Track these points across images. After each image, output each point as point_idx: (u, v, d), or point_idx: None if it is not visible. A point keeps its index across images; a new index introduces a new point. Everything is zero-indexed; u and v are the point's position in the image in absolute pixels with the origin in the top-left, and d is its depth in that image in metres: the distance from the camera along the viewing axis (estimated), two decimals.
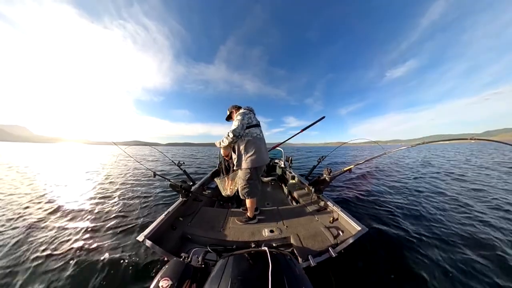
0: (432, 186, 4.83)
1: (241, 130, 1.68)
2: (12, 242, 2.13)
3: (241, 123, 1.68)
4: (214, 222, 1.88)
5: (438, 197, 3.91)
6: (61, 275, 1.66)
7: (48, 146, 73.32)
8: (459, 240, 2.25)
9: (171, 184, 2.04)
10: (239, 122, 1.68)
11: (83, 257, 1.86)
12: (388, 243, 2.18)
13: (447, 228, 2.54)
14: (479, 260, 1.89)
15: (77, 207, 3.12)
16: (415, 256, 1.95)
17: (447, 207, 3.31)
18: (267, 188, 3.56)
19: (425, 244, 2.17)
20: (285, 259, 0.87)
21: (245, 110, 1.86)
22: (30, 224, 2.54)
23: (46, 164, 8.07)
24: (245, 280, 0.74)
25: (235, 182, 2.07)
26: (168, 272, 0.87)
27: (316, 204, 2.24)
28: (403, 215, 3.01)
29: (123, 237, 2.21)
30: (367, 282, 1.61)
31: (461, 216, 2.93)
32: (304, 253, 1.38)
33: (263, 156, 1.77)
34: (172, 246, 1.52)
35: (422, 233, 2.42)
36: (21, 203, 3.34)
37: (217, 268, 0.84)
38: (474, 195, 3.97)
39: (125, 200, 3.53)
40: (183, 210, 2.05)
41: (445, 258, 1.92)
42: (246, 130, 1.74)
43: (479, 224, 2.63)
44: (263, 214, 2.06)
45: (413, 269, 1.76)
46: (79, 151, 28.26)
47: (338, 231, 1.66)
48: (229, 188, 2.13)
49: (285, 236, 1.63)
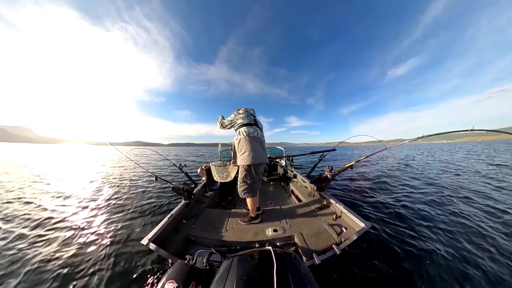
0: (432, 181, 4.81)
1: (226, 123, 1.99)
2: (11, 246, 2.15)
3: (230, 117, 1.98)
4: (217, 223, 1.88)
5: (440, 192, 3.89)
6: (62, 277, 1.66)
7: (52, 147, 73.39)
8: (465, 236, 2.25)
9: (173, 187, 2.05)
10: (228, 117, 2.00)
11: (85, 261, 1.86)
12: (392, 239, 2.18)
13: (452, 224, 2.54)
14: (482, 254, 1.89)
15: (79, 211, 3.13)
16: (419, 252, 1.94)
17: (452, 203, 3.30)
18: (269, 187, 3.56)
19: (430, 240, 2.17)
20: (289, 258, 0.87)
21: (240, 109, 2.00)
22: (35, 227, 2.56)
23: (51, 165, 8.08)
24: (250, 280, 0.74)
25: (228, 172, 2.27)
26: (173, 274, 0.87)
27: (319, 202, 2.24)
28: (406, 211, 3.01)
29: (127, 241, 2.21)
30: (372, 279, 1.61)
31: (464, 211, 2.92)
32: (308, 251, 1.38)
33: (258, 155, 1.77)
34: (176, 249, 1.52)
35: (425, 229, 2.42)
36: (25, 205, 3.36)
37: (222, 269, 0.84)
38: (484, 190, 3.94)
39: (127, 203, 3.53)
40: (186, 212, 2.05)
41: (450, 254, 1.92)
42: (239, 128, 1.86)
43: (485, 215, 2.62)
44: (266, 214, 2.06)
45: (416, 266, 1.76)
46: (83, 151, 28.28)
47: (342, 228, 1.66)
48: (217, 175, 2.30)
49: (288, 235, 1.63)
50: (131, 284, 1.60)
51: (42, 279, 1.67)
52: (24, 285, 1.61)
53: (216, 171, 2.22)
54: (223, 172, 2.21)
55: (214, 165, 2.25)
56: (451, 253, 1.91)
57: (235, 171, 2.13)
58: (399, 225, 2.49)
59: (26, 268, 1.80)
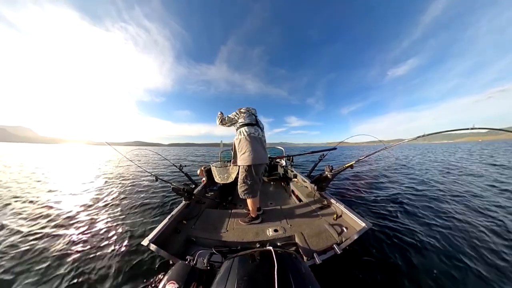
0: (433, 181, 4.81)
1: (227, 120, 1.96)
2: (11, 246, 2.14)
3: (231, 115, 1.96)
4: (218, 224, 1.88)
5: (440, 191, 3.89)
6: (62, 278, 1.66)
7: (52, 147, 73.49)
8: (465, 236, 2.25)
9: (173, 188, 2.05)
10: (230, 114, 1.98)
11: (86, 263, 1.86)
12: (393, 239, 2.18)
13: (452, 222, 2.54)
14: (485, 251, 1.89)
15: (79, 211, 3.13)
16: (420, 251, 1.94)
17: (453, 200, 3.30)
18: (270, 187, 3.56)
19: (431, 239, 2.16)
20: (290, 258, 0.87)
21: (242, 108, 2.00)
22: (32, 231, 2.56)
23: (51, 165, 8.09)
24: (251, 281, 0.74)
25: (229, 173, 2.23)
26: (174, 275, 0.87)
27: (319, 202, 2.24)
28: (407, 210, 3.01)
29: (127, 242, 2.21)
30: (373, 278, 1.61)
31: (465, 209, 2.92)
32: (309, 251, 1.38)
33: (258, 156, 1.77)
34: (177, 250, 1.52)
35: (426, 229, 2.42)
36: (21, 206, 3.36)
37: (223, 270, 0.84)
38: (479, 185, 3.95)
39: (126, 204, 3.53)
40: (186, 213, 2.05)
41: (452, 253, 1.92)
42: (240, 128, 1.85)
43: (482, 210, 2.62)
44: (266, 214, 2.06)
45: (418, 264, 1.76)
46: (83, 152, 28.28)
47: (342, 228, 1.66)
48: (218, 176, 2.26)
49: (289, 235, 1.63)
50: (131, 285, 1.59)
51: (41, 278, 1.67)
52: (24, 285, 1.61)
53: (217, 172, 2.22)
54: (224, 173, 2.21)
55: (215, 166, 2.25)
56: (453, 252, 1.90)
57: (235, 172, 2.13)
58: (400, 225, 2.49)
59: (23, 267, 1.81)
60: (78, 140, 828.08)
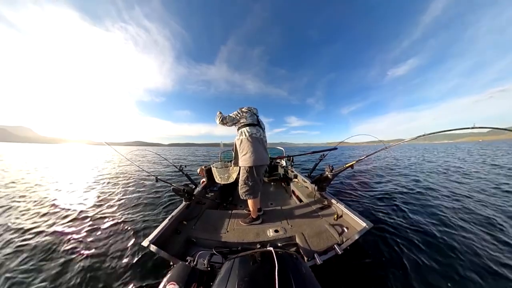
0: (433, 180, 4.80)
1: (228, 119, 1.85)
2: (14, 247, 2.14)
3: (232, 114, 1.88)
4: (218, 225, 1.88)
5: (440, 191, 3.88)
6: (63, 279, 1.66)
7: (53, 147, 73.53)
8: (466, 235, 2.24)
9: (173, 188, 2.04)
10: (231, 113, 1.89)
11: (86, 264, 1.86)
12: (394, 238, 2.17)
13: (454, 222, 2.53)
14: (486, 245, 1.88)
15: (79, 212, 3.12)
16: (422, 251, 1.94)
17: (453, 200, 3.29)
18: (270, 188, 3.55)
19: (432, 239, 2.16)
20: (291, 259, 0.87)
21: (244, 107, 1.95)
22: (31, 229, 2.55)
23: (51, 165, 8.08)
24: (252, 281, 0.74)
25: (229, 174, 2.19)
26: (174, 276, 0.87)
27: (320, 202, 2.23)
28: (408, 210, 3.00)
29: (128, 243, 2.21)
30: (374, 278, 1.60)
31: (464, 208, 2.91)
32: (310, 252, 1.38)
33: (259, 157, 1.76)
34: (177, 250, 1.51)
35: (427, 229, 2.41)
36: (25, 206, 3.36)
37: (223, 271, 0.84)
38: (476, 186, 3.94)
39: (127, 205, 3.52)
40: (186, 213, 2.05)
41: (453, 252, 1.91)
42: (242, 128, 1.82)
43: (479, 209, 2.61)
44: (267, 214, 2.06)
45: (419, 264, 1.75)
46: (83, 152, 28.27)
47: (343, 228, 1.65)
48: (219, 176, 2.22)
49: (290, 235, 1.62)
50: (131, 285, 1.59)
51: (41, 278, 1.67)
52: (21, 284, 1.61)
53: (217, 172, 2.22)
54: (225, 174, 2.21)
55: (215, 166, 2.24)
56: (454, 252, 1.90)
57: (236, 172, 2.12)
58: (400, 224, 2.48)
59: (22, 267, 1.80)
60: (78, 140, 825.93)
